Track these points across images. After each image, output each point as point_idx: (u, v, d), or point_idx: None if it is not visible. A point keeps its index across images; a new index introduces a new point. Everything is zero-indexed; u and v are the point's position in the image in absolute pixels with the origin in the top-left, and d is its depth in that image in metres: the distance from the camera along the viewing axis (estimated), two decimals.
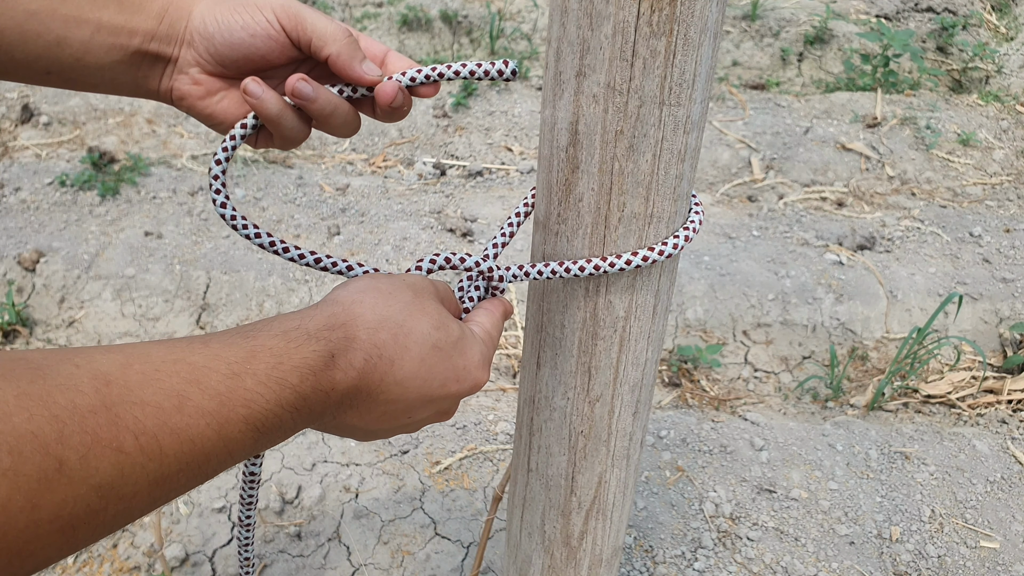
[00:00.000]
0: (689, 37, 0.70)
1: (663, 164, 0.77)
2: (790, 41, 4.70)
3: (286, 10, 0.78)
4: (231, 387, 0.55)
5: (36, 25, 0.72)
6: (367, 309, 0.68)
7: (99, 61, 0.76)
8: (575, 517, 1.08)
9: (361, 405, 0.66)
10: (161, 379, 0.52)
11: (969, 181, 3.75)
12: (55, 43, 0.73)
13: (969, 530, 2.16)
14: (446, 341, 0.71)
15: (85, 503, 0.46)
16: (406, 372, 0.68)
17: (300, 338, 0.61)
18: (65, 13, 0.73)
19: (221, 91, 0.81)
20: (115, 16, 0.75)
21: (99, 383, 0.48)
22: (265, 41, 0.78)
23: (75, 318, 2.86)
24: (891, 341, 2.94)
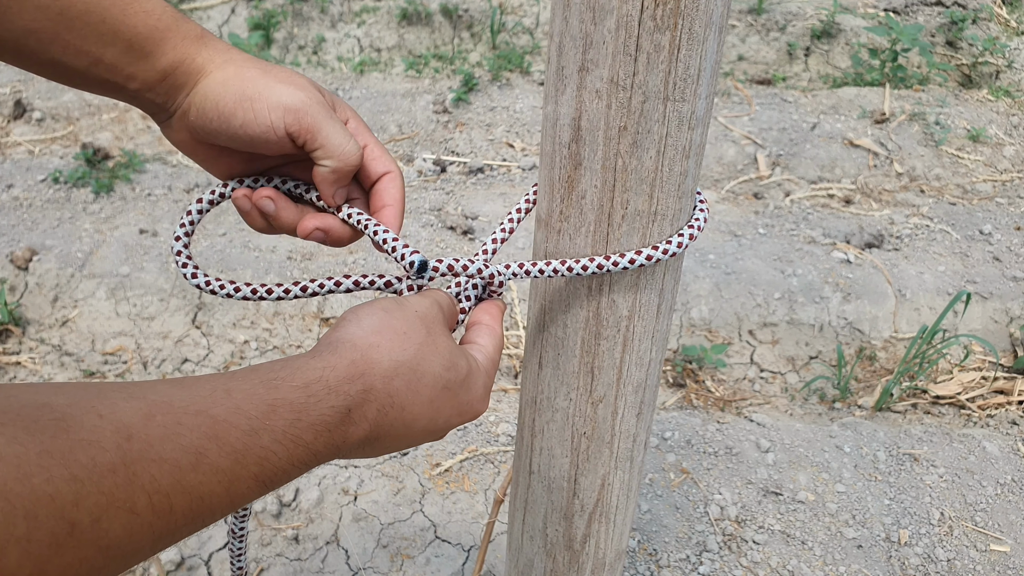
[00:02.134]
0: (694, 31, 0.70)
1: (667, 161, 0.77)
2: (797, 35, 4.69)
3: (299, 119, 0.76)
4: (248, 444, 0.55)
5: (33, 43, 0.70)
6: (384, 355, 0.67)
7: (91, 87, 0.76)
8: (578, 520, 1.08)
9: (366, 447, 0.67)
10: (182, 434, 0.52)
11: (979, 178, 3.75)
12: (49, 63, 0.72)
13: (979, 533, 2.16)
14: (455, 380, 0.72)
15: (90, 565, 0.46)
16: (414, 414, 0.69)
17: (321, 392, 0.61)
18: (67, 40, 0.71)
19: (213, 157, 0.82)
20: (118, 57, 0.74)
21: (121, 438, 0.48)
22: (264, 144, 0.77)
23: (69, 317, 2.86)
24: (899, 341, 2.94)
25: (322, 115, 0.77)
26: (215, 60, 0.78)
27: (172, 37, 0.76)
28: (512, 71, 4.33)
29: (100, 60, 0.73)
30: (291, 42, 4.61)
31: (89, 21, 0.70)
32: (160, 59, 0.75)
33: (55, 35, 0.70)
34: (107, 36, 0.72)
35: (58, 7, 0.69)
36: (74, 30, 0.70)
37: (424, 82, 4.22)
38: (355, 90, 4.12)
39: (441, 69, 4.39)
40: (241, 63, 0.77)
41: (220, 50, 0.78)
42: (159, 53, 0.75)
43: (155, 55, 0.75)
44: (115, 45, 0.72)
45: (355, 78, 4.23)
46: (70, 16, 0.70)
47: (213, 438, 0.53)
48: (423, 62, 4.46)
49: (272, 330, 2.84)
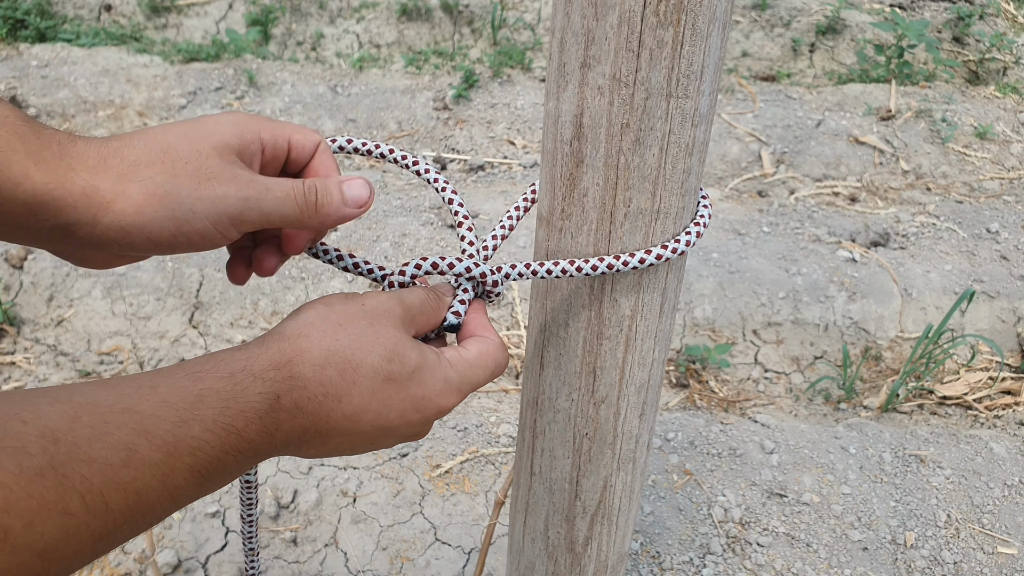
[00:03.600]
0: (697, 27, 0.70)
1: (670, 158, 0.77)
2: (801, 31, 4.69)
3: (242, 218, 0.69)
4: (178, 436, 0.55)
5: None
6: (314, 344, 0.66)
7: None
8: (580, 522, 1.08)
9: (312, 441, 0.66)
10: (110, 432, 0.52)
11: (986, 175, 3.74)
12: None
13: (986, 536, 2.16)
14: (400, 372, 0.69)
15: (28, 569, 0.46)
16: (355, 407, 0.66)
17: (246, 380, 0.61)
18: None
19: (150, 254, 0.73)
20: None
21: (47, 442, 0.48)
22: (214, 247, 0.71)
23: (64, 317, 2.86)
24: (905, 340, 2.94)
25: (256, 203, 0.70)
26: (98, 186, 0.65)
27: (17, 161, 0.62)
28: (513, 67, 4.33)
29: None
30: (289, 38, 4.62)
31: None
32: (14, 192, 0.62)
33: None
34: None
35: None
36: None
37: (424, 79, 4.22)
38: (354, 87, 4.12)
39: (441, 65, 4.39)
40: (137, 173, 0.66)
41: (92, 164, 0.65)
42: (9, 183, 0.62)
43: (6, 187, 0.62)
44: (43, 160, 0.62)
45: (354, 75, 4.23)
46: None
47: (142, 433, 0.53)
48: (423, 58, 4.47)
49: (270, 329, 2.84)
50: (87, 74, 4.05)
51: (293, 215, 0.72)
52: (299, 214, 0.72)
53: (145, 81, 4.06)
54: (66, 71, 4.05)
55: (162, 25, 4.68)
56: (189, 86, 4.04)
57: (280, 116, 3.96)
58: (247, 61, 4.22)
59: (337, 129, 3.92)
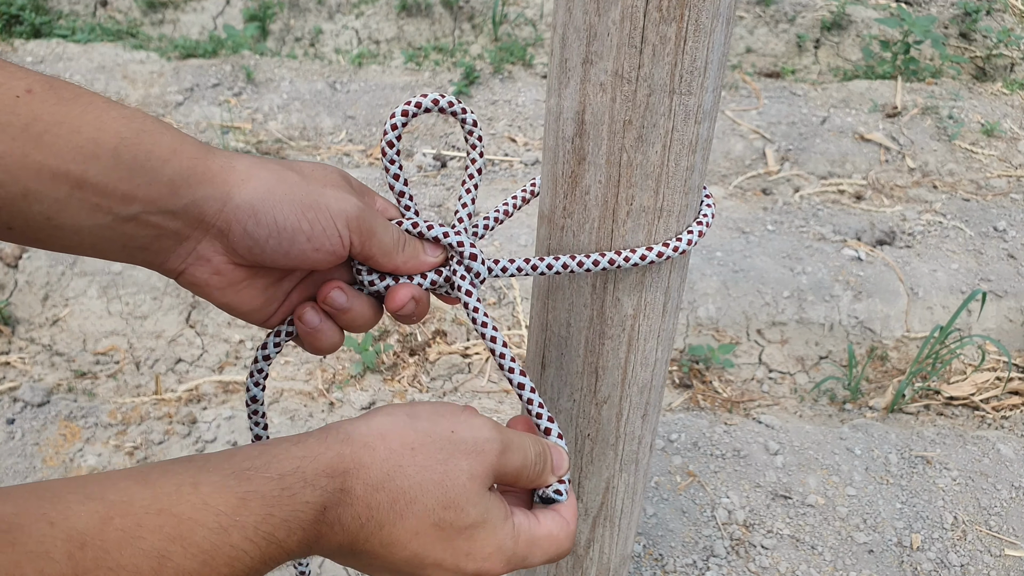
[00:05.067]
0: (700, 22, 0.70)
1: (673, 155, 0.77)
2: (806, 27, 4.69)
3: (360, 225, 0.70)
4: (216, 544, 0.52)
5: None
6: (377, 459, 0.63)
7: (76, 224, 0.61)
8: (582, 524, 1.08)
9: (341, 554, 0.64)
10: (143, 537, 0.49)
11: (993, 173, 3.74)
12: (20, 195, 0.59)
13: (993, 538, 2.16)
14: (454, 523, 0.65)
15: None
16: (394, 539, 0.63)
17: (296, 485, 0.58)
18: (39, 161, 0.58)
19: (245, 280, 0.71)
20: (106, 173, 0.61)
21: (73, 546, 0.47)
22: (326, 256, 0.69)
23: (59, 316, 2.86)
24: (912, 340, 2.94)
25: (372, 216, 0.72)
26: (234, 165, 0.67)
27: (164, 142, 0.64)
28: (514, 64, 4.33)
29: (83, 180, 0.60)
30: (287, 34, 4.62)
31: (60, 133, 0.59)
32: (162, 168, 0.63)
33: (23, 157, 0.58)
34: (86, 148, 0.60)
35: (20, 123, 0.58)
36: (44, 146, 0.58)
37: (424, 75, 4.22)
38: (353, 83, 4.12)
39: (441, 62, 4.39)
40: (268, 165, 0.68)
41: (228, 153, 0.67)
42: (158, 160, 0.63)
43: (153, 162, 0.62)
44: (99, 159, 0.60)
45: (353, 71, 4.23)
46: (37, 131, 0.58)
47: (178, 539, 0.51)
48: (423, 54, 4.47)
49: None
50: (83, 71, 4.05)
51: (390, 246, 0.73)
52: (394, 246, 0.74)
53: (141, 78, 4.06)
54: (61, 67, 4.05)
55: (158, 21, 4.68)
56: (186, 83, 4.04)
57: (278, 113, 3.96)
58: (245, 57, 4.22)
59: (336, 126, 3.92)
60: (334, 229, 0.68)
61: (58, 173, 0.59)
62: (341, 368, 2.72)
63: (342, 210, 0.69)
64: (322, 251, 0.69)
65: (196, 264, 0.68)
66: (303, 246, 0.68)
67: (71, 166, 0.59)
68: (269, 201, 0.66)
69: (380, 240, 0.72)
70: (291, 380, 2.67)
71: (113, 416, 2.44)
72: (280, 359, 2.74)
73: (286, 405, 2.55)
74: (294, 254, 0.68)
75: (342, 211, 0.69)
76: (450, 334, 2.85)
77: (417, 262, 0.76)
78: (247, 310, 0.73)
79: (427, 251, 0.77)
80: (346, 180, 0.74)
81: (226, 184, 0.65)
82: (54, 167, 0.59)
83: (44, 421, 2.39)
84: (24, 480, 2.22)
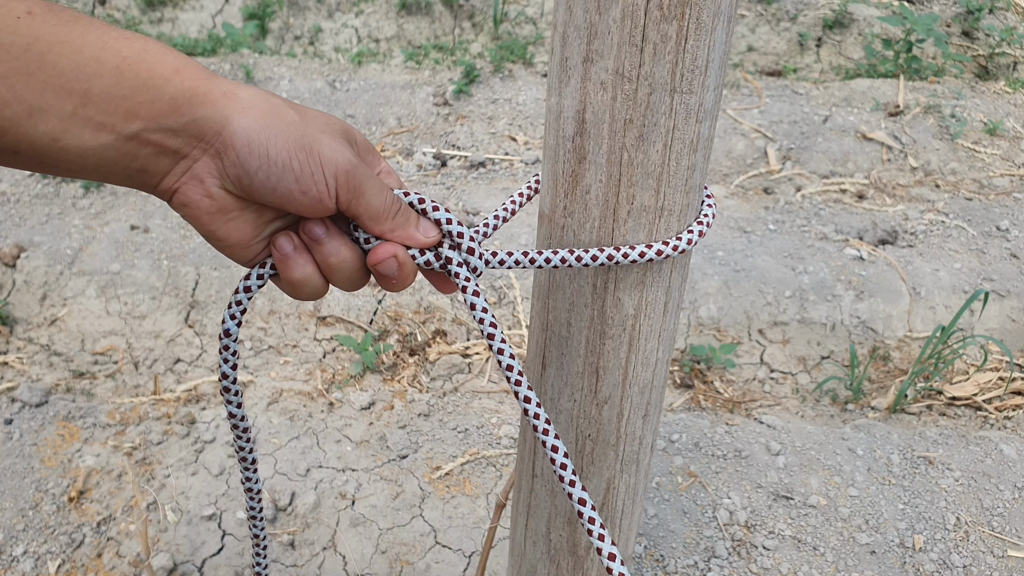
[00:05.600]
0: (702, 21, 0.70)
1: (674, 154, 0.77)
2: (808, 25, 4.69)
3: (349, 179, 0.71)
4: None
5: (3, 91, 0.60)
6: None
7: (81, 144, 0.64)
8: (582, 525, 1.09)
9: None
10: None
11: (996, 172, 3.74)
12: (26, 116, 0.61)
13: (996, 539, 2.16)
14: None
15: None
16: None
17: None
18: (43, 79, 0.61)
19: (235, 211, 0.72)
20: (110, 89, 0.63)
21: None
22: (312, 203, 0.71)
23: (58, 316, 2.86)
24: (914, 340, 2.94)
25: (364, 175, 0.73)
26: (237, 93, 0.69)
27: (167, 61, 0.66)
28: (515, 62, 4.33)
29: (88, 97, 0.62)
30: (287, 32, 4.62)
31: (63, 52, 0.61)
32: (164, 86, 0.65)
33: (27, 76, 0.60)
34: (89, 67, 0.62)
35: (23, 43, 0.60)
36: (47, 65, 0.61)
37: (424, 73, 4.22)
38: (353, 82, 4.12)
39: (441, 60, 4.39)
40: (271, 99, 0.70)
41: (232, 82, 0.69)
42: (160, 79, 0.65)
43: (155, 80, 0.65)
44: (101, 77, 0.63)
45: (353, 69, 4.23)
46: (39, 50, 0.61)
47: None
48: (423, 53, 4.47)
49: (267, 329, 2.84)
50: None
51: (379, 209, 0.74)
52: (383, 211, 0.75)
53: None
54: None
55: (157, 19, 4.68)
56: None
57: None
58: (244, 56, 4.22)
59: None
60: (322, 177, 0.70)
61: (62, 91, 0.61)
62: (341, 368, 2.72)
63: (332, 160, 0.70)
64: (308, 196, 0.70)
65: (190, 183, 0.69)
66: (291, 185, 0.69)
67: (75, 84, 0.62)
68: (264, 133, 0.68)
69: (368, 201, 0.73)
70: (290, 380, 2.67)
71: (112, 416, 2.45)
72: (279, 359, 2.74)
73: (285, 405, 2.55)
74: (281, 191, 0.69)
75: (332, 161, 0.70)
76: (450, 334, 2.85)
77: (405, 233, 0.77)
78: (232, 243, 0.73)
79: (420, 227, 0.78)
80: (348, 134, 0.75)
81: (227, 108, 0.67)
82: (58, 85, 0.61)
83: (42, 421, 2.39)
84: (22, 481, 2.22)
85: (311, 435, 2.40)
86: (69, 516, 2.15)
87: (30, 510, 2.15)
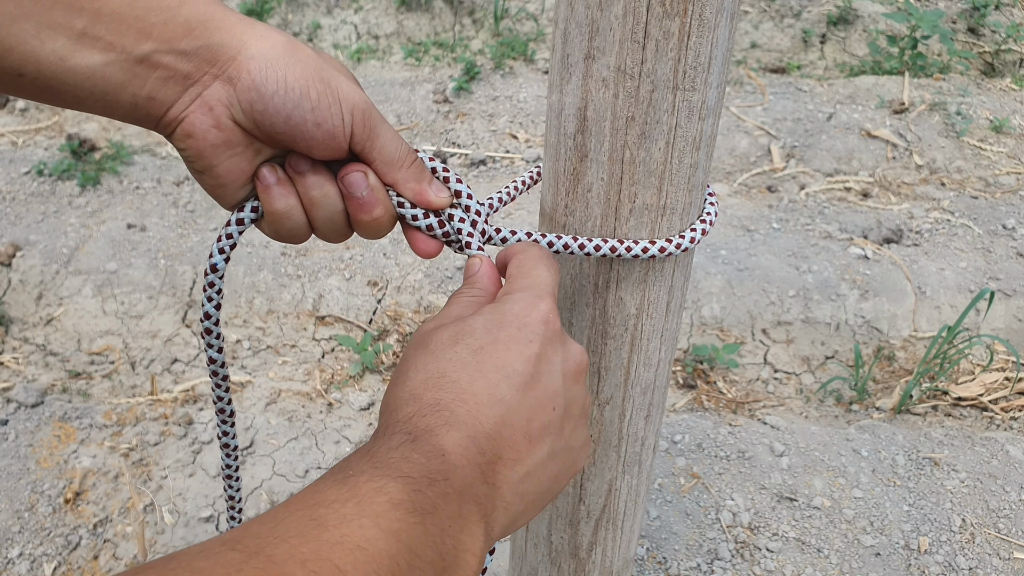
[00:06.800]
0: (704, 17, 0.70)
1: (677, 152, 0.77)
2: (812, 22, 4.69)
3: (365, 118, 0.70)
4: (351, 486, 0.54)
5: (11, 7, 0.58)
6: (390, 399, 0.65)
7: (89, 65, 0.61)
8: (584, 527, 1.09)
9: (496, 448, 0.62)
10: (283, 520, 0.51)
11: (1002, 170, 3.74)
12: (34, 33, 0.59)
13: (1002, 541, 2.16)
14: (475, 338, 0.66)
15: None
16: (480, 391, 0.63)
17: (367, 446, 0.60)
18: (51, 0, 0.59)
19: (239, 146, 0.70)
20: (121, 8, 0.61)
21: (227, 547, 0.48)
22: (325, 138, 0.69)
23: (53, 316, 2.87)
24: (919, 340, 2.94)
25: (380, 119, 0.71)
26: (254, 23, 0.67)
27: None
28: (516, 59, 4.33)
29: (99, 13, 0.60)
30: (285, 29, 4.61)
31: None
32: (178, 9, 0.63)
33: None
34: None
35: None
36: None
37: (424, 70, 4.22)
38: None
39: (442, 57, 4.39)
40: (283, 33, 0.68)
41: (247, 17, 0.68)
42: (174, 1, 0.63)
43: (169, 2, 0.63)
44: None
45: (352, 66, 4.23)
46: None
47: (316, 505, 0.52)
48: (423, 50, 4.46)
49: (266, 328, 2.85)
50: None
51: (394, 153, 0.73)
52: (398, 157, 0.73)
53: None
54: None
55: None
56: None
57: None
58: None
59: None
60: (339, 110, 0.68)
61: (72, 8, 0.59)
62: (340, 368, 2.72)
63: (350, 96, 0.69)
64: (323, 128, 0.68)
65: (198, 111, 0.67)
66: (306, 114, 0.67)
67: (85, 2, 0.60)
68: (282, 59, 0.66)
69: (384, 143, 0.72)
70: (289, 380, 2.67)
71: (108, 417, 2.45)
72: (278, 359, 2.75)
73: (284, 406, 2.55)
74: (296, 120, 0.67)
75: (350, 97, 0.69)
76: None
77: (419, 187, 0.75)
78: (227, 180, 0.71)
79: (433, 186, 0.76)
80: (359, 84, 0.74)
81: (244, 35, 0.66)
82: (68, 2, 0.59)
83: (38, 422, 2.39)
84: (17, 482, 2.22)
85: (310, 436, 2.40)
86: (65, 518, 2.15)
87: (26, 512, 2.16)
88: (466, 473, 0.58)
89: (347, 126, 0.69)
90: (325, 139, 0.68)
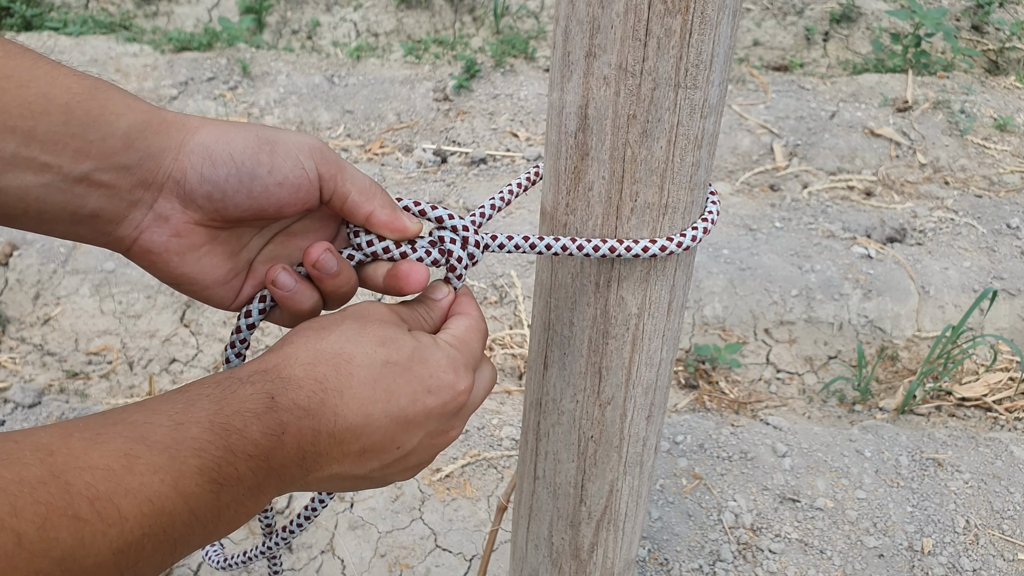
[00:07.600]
0: (706, 15, 0.70)
1: (678, 151, 0.77)
2: (815, 19, 4.69)
3: (326, 159, 0.68)
4: (177, 438, 0.53)
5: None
6: (299, 348, 0.64)
7: (23, 185, 0.59)
8: (585, 528, 1.08)
9: (332, 449, 0.63)
10: (105, 442, 0.51)
11: (1006, 169, 3.74)
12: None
13: (1006, 542, 2.15)
14: (398, 355, 0.66)
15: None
16: (360, 398, 0.63)
17: (233, 384, 0.59)
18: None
19: (206, 245, 0.68)
20: (56, 128, 0.59)
21: (42, 454, 0.48)
22: (293, 193, 0.67)
23: (51, 315, 2.87)
24: (923, 340, 2.94)
25: (337, 155, 0.70)
26: (189, 118, 0.66)
27: (120, 98, 0.62)
28: (516, 57, 4.33)
29: (32, 136, 0.58)
30: (284, 26, 4.62)
31: (8, 88, 0.58)
32: (116, 122, 0.61)
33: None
34: (36, 104, 0.58)
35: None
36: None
37: (424, 68, 4.22)
38: (352, 77, 4.12)
39: (442, 55, 4.39)
40: (215, 119, 0.68)
41: (179, 114, 0.66)
42: (112, 115, 0.61)
43: (107, 117, 0.61)
44: (49, 115, 0.58)
45: (352, 64, 4.23)
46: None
47: (139, 439, 0.52)
48: (423, 47, 4.46)
49: (264, 328, 2.85)
50: (75, 64, 4.04)
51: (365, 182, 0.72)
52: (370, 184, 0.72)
53: (135, 71, 4.06)
54: None
55: (152, 13, 4.68)
56: (180, 76, 4.04)
57: (275, 107, 3.96)
58: (241, 50, 4.22)
59: (334, 120, 3.92)
60: (297, 160, 0.67)
61: (4, 128, 0.57)
62: None
63: (302, 142, 0.67)
64: (287, 185, 0.66)
65: (153, 226, 0.65)
66: (265, 180, 0.65)
67: (18, 122, 0.57)
68: (223, 139, 0.65)
69: (352, 174, 0.71)
70: None
71: None
72: None
73: None
74: (257, 192, 0.66)
75: (303, 143, 0.67)
76: None
77: (394, 214, 0.73)
78: (209, 282, 0.70)
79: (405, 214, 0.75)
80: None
81: (181, 131, 0.64)
82: (2, 123, 0.57)
83: (35, 422, 2.39)
84: None
85: None
86: None
87: None
88: (289, 456, 0.60)
89: (311, 171, 0.68)
90: (292, 194, 0.67)
